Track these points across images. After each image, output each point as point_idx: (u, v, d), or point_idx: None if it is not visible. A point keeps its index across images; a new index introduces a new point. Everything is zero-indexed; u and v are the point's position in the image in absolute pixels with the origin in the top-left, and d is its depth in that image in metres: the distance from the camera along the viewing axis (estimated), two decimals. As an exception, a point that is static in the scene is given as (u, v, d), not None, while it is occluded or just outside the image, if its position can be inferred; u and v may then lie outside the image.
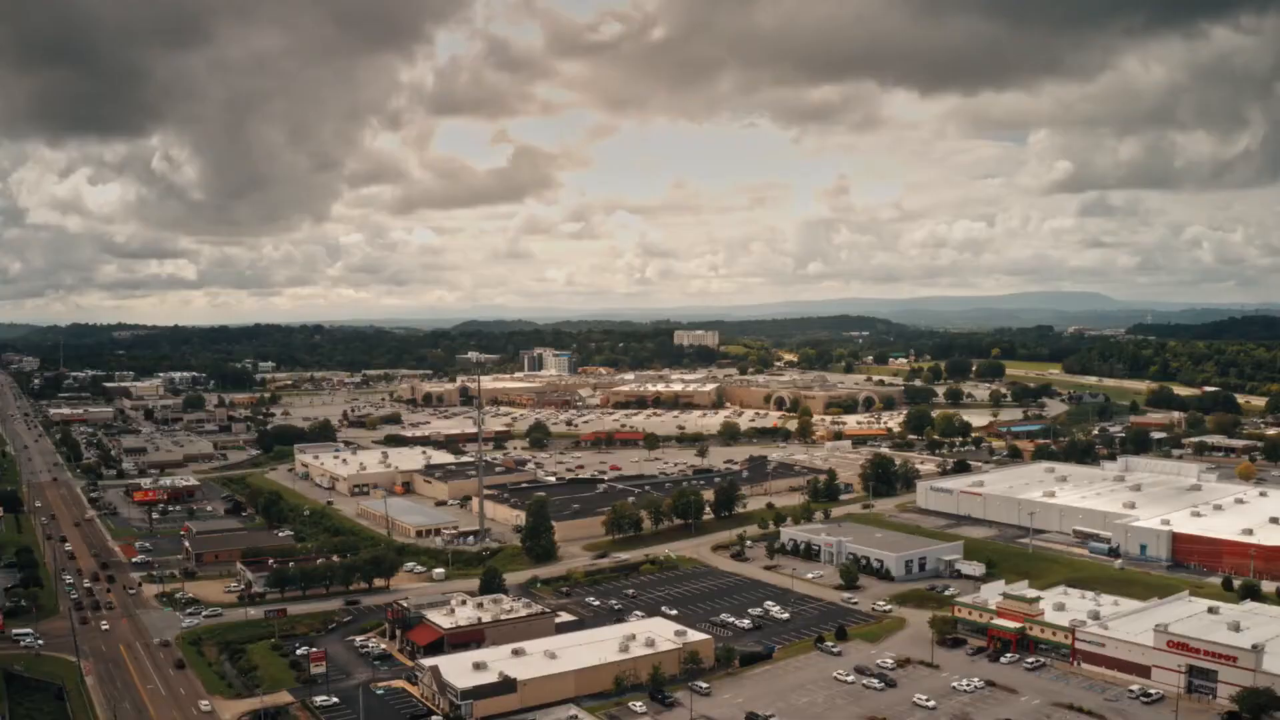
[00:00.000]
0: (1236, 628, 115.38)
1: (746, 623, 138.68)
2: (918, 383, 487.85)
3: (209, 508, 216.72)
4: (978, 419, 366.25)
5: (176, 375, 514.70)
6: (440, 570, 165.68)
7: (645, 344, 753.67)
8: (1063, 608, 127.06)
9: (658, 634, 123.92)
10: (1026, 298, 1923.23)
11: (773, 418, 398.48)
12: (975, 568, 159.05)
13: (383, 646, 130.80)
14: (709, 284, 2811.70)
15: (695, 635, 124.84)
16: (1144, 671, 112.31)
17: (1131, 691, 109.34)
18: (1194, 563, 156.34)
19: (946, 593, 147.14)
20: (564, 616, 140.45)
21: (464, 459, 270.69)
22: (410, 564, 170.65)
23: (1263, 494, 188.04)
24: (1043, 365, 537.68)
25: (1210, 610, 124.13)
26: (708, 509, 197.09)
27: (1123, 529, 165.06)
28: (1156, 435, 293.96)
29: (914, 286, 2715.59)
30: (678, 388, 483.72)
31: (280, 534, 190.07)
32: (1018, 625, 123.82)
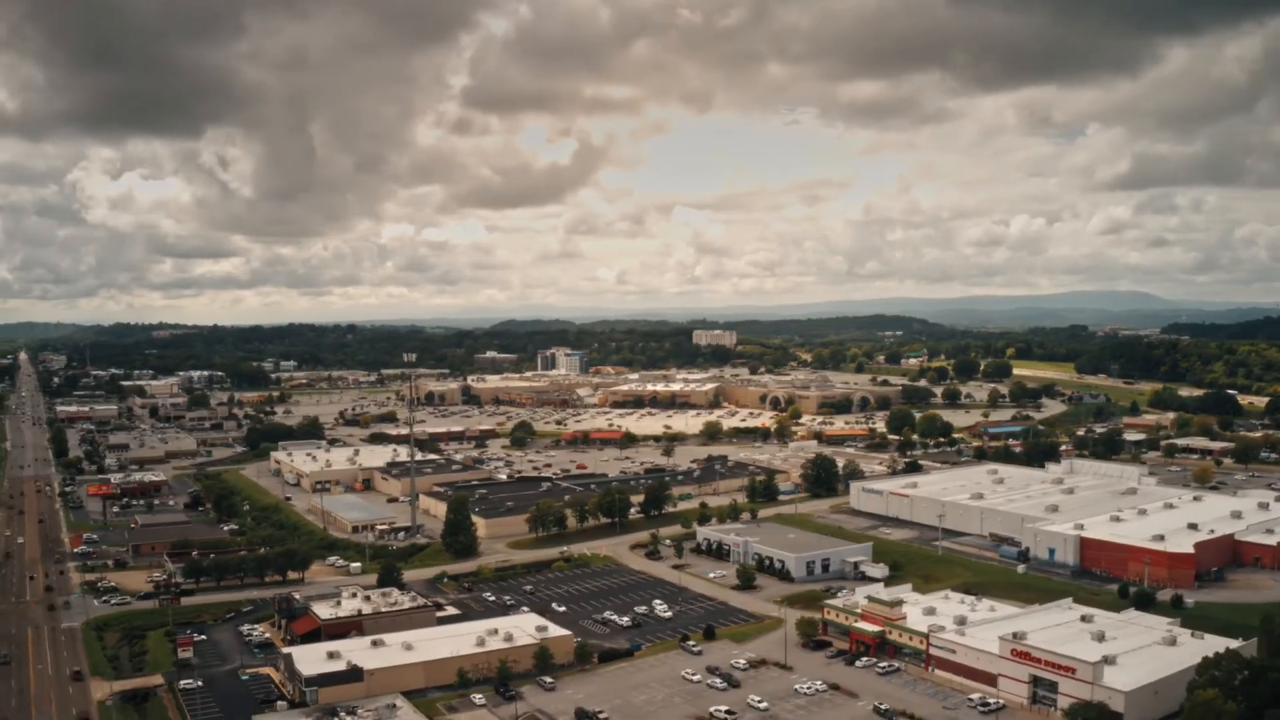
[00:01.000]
0: (1101, 638, 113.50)
1: (626, 620, 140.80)
2: (923, 383, 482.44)
3: (171, 502, 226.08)
4: (968, 420, 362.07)
5: (196, 374, 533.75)
6: (357, 565, 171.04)
7: (664, 344, 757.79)
8: (933, 612, 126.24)
9: (521, 629, 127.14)
10: (1078, 297, 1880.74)
11: (764, 418, 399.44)
12: (879, 570, 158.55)
13: (267, 635, 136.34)
14: (763, 282, 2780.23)
15: (557, 631, 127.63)
16: (991, 680, 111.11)
17: (971, 700, 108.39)
18: (1100, 569, 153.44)
19: (839, 594, 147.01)
20: (450, 610, 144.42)
21: (429, 456, 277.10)
22: (333, 558, 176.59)
23: (1197, 498, 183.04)
24: (1058, 366, 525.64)
25: (1084, 619, 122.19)
26: (636, 508, 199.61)
27: (1032, 533, 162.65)
28: (1133, 437, 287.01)
29: (966, 285, 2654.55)
30: (677, 387, 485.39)
31: (226, 528, 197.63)
32: (877, 629, 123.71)
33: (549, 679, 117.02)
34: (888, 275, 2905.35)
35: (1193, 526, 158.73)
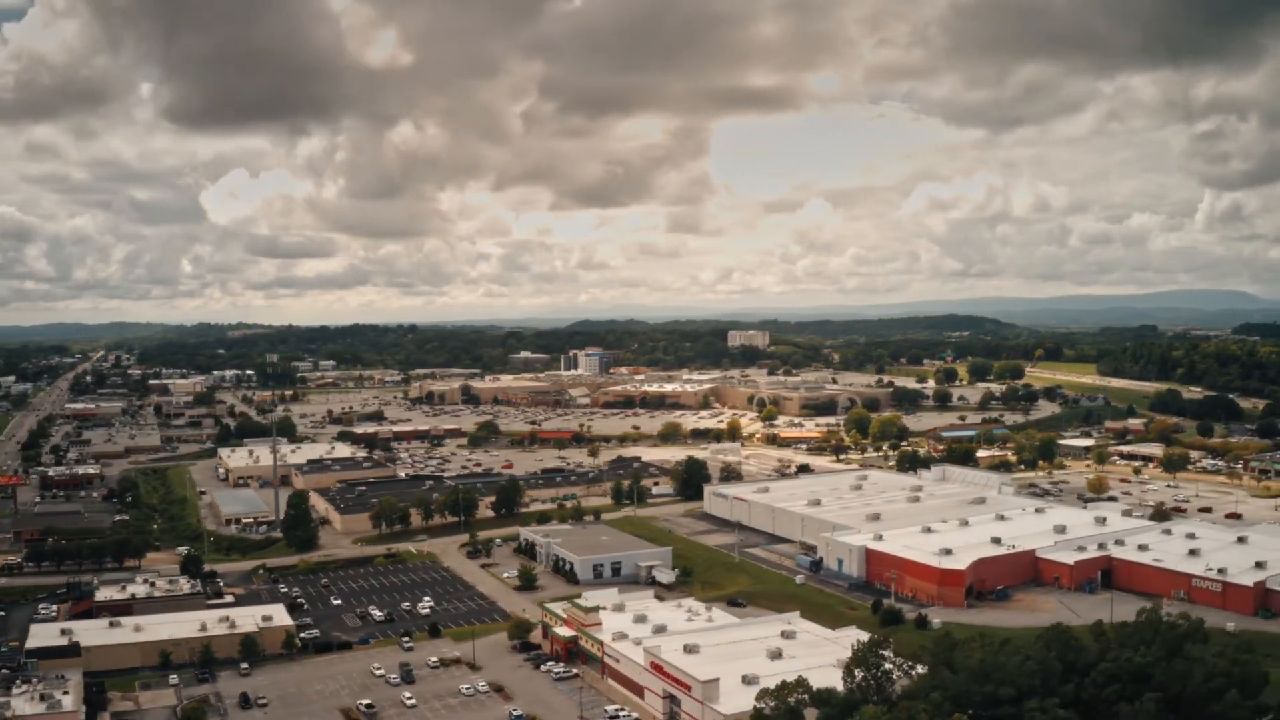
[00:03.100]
0: (777, 655, 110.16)
1: (381, 615, 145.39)
2: (931, 384, 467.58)
3: (94, 495, 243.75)
4: (943, 422, 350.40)
5: (229, 373, 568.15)
6: (196, 554, 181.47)
7: (698, 343, 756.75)
8: (644, 620, 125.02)
9: (250, 618, 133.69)
10: (1179, 295, 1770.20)
11: (745, 418, 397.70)
12: (667, 575, 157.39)
13: (55, 614, 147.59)
14: (870, 280, 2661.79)
15: (282, 621, 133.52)
16: (640, 692, 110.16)
17: (608, 710, 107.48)
18: (882, 582, 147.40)
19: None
20: (228, 598, 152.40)
21: (355, 455, 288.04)
22: (183, 547, 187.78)
23: (1039, 510, 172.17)
24: (1081, 367, 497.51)
25: (784, 634, 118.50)
26: (488, 508, 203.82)
27: (825, 542, 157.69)
28: (1084, 443, 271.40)
29: (1076, 284, 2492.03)
30: (672, 388, 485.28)
31: (116, 518, 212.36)
32: (571, 634, 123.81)
33: (245, 665, 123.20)
34: (995, 273, 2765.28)
35: (996, 541, 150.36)
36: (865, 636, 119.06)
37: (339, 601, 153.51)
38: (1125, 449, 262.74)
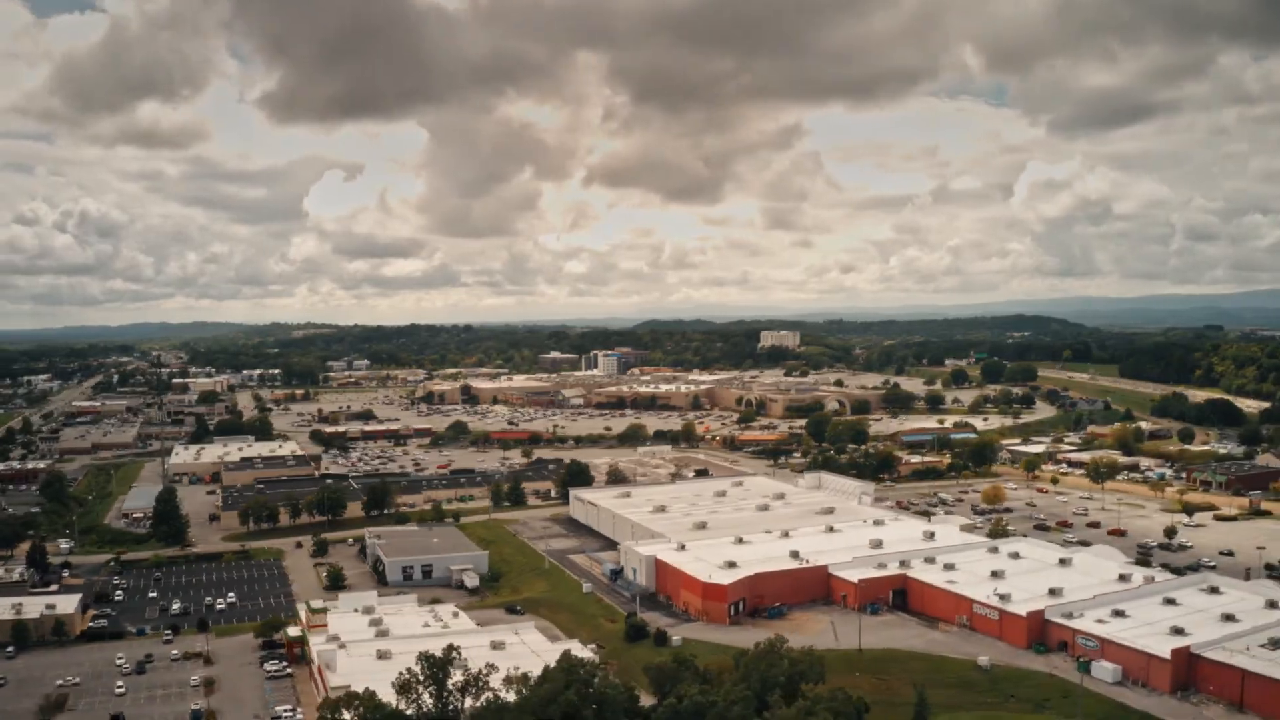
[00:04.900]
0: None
1: (179, 608, 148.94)
2: (938, 385, 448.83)
3: (34, 489, 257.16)
4: (929, 424, 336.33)
5: (257, 372, 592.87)
6: (67, 545, 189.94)
7: (728, 343, 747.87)
8: (379, 623, 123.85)
9: (35, 605, 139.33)
10: (1276, 295, 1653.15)
11: (729, 420, 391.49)
12: (473, 579, 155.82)
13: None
14: (969, 277, 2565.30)
15: (65, 610, 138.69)
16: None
17: (278, 709, 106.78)
18: (665, 594, 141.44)
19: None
20: (54, 588, 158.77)
21: (290, 454, 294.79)
22: (63, 540, 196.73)
23: (879, 522, 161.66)
24: (1103, 369, 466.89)
25: (493, 644, 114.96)
26: (360, 507, 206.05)
27: (624, 551, 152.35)
28: (1035, 449, 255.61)
29: (1171, 284, 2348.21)
30: (666, 389, 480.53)
31: (32, 510, 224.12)
32: (299, 634, 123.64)
33: (11, 649, 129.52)
34: (1092, 272, 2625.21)
35: (794, 555, 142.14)
36: (585, 650, 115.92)
37: (154, 594, 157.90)
38: (1074, 456, 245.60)
